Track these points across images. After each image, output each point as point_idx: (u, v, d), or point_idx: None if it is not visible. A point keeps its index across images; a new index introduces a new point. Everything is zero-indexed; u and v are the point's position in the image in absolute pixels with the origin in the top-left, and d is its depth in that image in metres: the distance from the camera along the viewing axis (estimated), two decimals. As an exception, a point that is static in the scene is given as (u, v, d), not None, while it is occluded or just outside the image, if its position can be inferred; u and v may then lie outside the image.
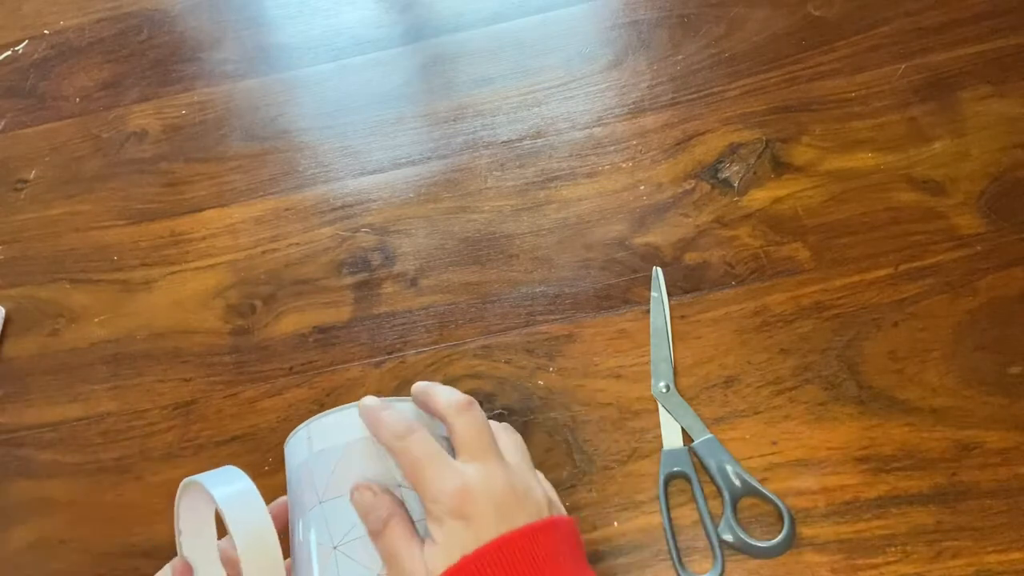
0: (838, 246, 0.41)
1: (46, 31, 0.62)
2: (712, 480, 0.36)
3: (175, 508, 0.29)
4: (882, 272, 0.40)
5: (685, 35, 0.51)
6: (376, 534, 0.26)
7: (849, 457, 0.36)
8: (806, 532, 0.35)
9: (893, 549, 0.34)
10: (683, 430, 0.37)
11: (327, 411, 0.30)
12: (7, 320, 0.48)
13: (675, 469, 0.36)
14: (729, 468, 0.36)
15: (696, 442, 0.37)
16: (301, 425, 0.30)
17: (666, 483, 0.36)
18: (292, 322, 0.45)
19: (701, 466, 0.36)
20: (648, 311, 0.41)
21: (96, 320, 0.47)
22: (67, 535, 0.40)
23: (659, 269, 0.41)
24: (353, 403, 0.29)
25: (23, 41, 0.62)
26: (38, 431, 0.44)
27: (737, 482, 0.36)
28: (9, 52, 0.61)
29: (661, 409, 0.38)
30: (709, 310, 0.41)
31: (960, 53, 0.46)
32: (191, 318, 0.46)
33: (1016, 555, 0.33)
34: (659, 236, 0.44)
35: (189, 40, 0.59)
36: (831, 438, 0.36)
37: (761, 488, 0.35)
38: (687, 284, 0.42)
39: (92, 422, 0.43)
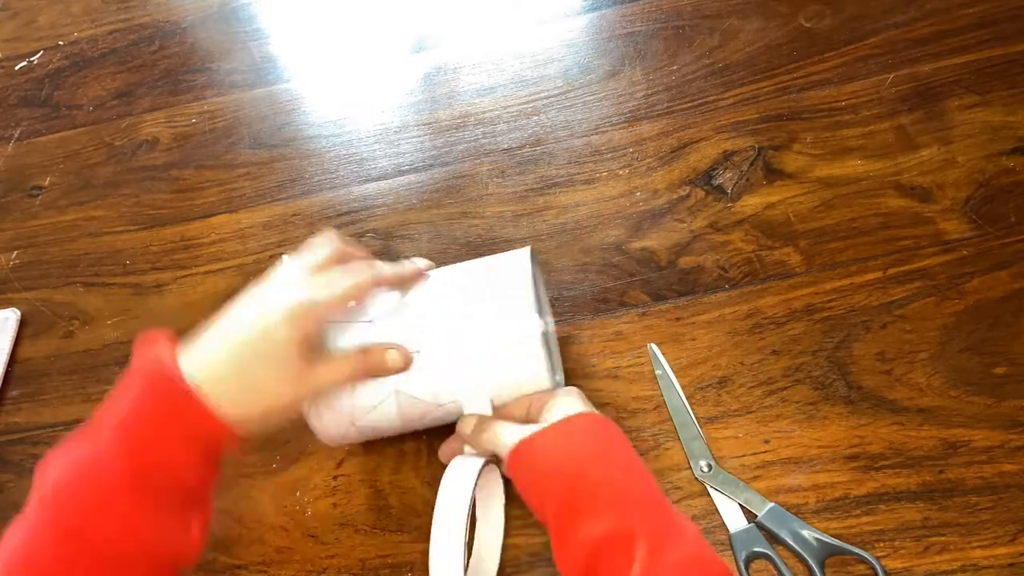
0: (828, 251, 0.42)
1: (60, 42, 0.64)
2: (790, 549, 0.35)
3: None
4: (871, 276, 0.41)
5: (680, 46, 0.52)
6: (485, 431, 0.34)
7: (839, 455, 0.37)
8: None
9: (882, 544, 0.34)
10: (741, 507, 0.36)
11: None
12: (23, 322, 0.49)
13: (753, 550, 0.35)
14: (805, 533, 0.34)
15: (761, 516, 0.35)
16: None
17: (747, 565, 0.35)
18: (299, 324, 0.46)
19: (773, 538, 0.35)
20: (644, 313, 0.42)
21: (109, 322, 0.48)
22: (80, 530, 0.41)
23: (654, 345, 0.40)
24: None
25: (38, 52, 0.64)
26: (53, 430, 0.45)
27: (815, 544, 0.34)
28: (24, 63, 0.63)
29: (712, 491, 0.36)
30: (703, 312, 0.42)
31: (947, 64, 0.47)
32: (202, 320, 0.47)
33: (1001, 550, 0.34)
34: (655, 241, 0.45)
35: (199, 51, 0.61)
36: (822, 437, 0.37)
37: (841, 544, 0.34)
38: (682, 287, 0.43)
39: (105, 421, 0.44)
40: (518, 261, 0.36)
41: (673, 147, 0.48)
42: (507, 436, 0.33)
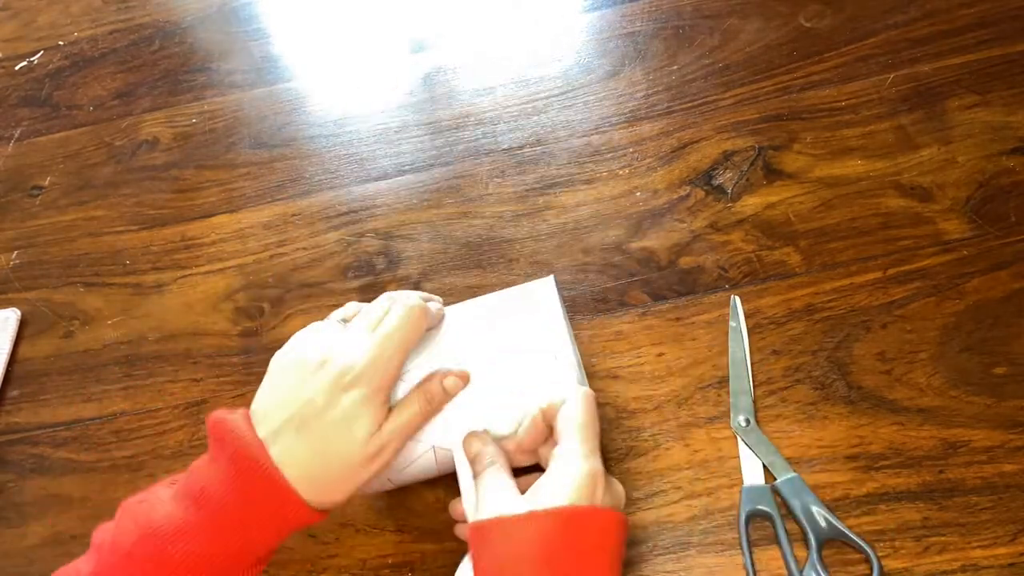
0: (828, 250, 0.42)
1: (60, 42, 0.64)
2: (796, 520, 0.35)
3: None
4: (871, 276, 0.41)
5: (680, 46, 0.52)
6: (478, 475, 0.32)
7: (839, 455, 0.37)
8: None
9: (881, 544, 0.34)
10: (764, 467, 0.36)
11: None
12: (23, 322, 0.49)
13: (758, 507, 0.35)
14: (815, 509, 0.34)
15: (779, 480, 0.35)
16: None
17: (747, 521, 0.35)
18: (299, 324, 0.46)
19: (784, 505, 0.35)
20: (644, 313, 0.42)
21: (109, 322, 0.48)
22: (81, 531, 0.41)
23: (737, 298, 0.41)
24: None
25: (38, 52, 0.64)
26: (53, 430, 0.45)
27: (823, 524, 0.34)
28: (25, 63, 0.63)
29: (741, 444, 0.37)
30: (703, 312, 0.42)
31: (947, 63, 0.47)
32: (201, 320, 0.47)
33: (1001, 550, 0.34)
34: (655, 241, 0.45)
35: (199, 51, 0.61)
36: (822, 437, 0.37)
37: (848, 531, 0.34)
38: (682, 287, 0.43)
39: (105, 421, 0.44)
40: (545, 298, 0.35)
41: (673, 147, 0.48)
42: (492, 503, 0.30)
